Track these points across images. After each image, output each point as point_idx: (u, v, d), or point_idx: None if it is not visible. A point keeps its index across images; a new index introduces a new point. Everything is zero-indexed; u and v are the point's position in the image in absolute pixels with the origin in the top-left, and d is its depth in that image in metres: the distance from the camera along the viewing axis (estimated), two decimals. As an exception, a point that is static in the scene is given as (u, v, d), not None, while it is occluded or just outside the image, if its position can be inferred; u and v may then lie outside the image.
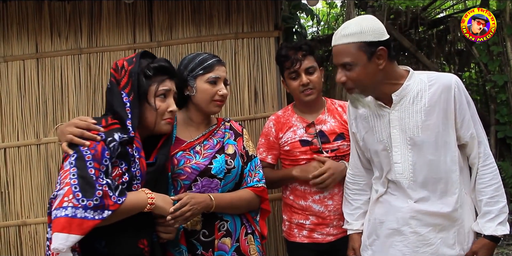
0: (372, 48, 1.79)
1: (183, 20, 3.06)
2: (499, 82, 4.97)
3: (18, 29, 3.03)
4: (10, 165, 2.99)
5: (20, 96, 3.01)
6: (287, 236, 2.48)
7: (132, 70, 1.75)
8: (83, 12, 3.02)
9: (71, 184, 1.50)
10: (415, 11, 5.56)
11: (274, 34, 3.07)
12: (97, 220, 1.49)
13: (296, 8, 4.82)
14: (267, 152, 2.49)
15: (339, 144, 2.38)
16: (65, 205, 1.47)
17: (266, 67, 3.04)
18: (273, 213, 2.96)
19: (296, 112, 2.49)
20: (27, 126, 3.00)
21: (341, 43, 1.83)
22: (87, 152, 1.57)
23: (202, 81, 2.09)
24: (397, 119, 1.90)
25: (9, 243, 2.97)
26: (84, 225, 1.47)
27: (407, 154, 1.90)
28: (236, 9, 3.07)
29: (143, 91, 1.77)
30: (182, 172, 2.01)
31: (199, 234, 2.03)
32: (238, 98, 3.03)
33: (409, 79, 1.90)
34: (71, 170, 1.53)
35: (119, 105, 1.73)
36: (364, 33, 1.79)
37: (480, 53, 5.24)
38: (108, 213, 1.51)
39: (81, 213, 1.47)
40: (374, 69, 1.82)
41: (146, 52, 1.87)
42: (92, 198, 1.49)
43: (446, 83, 1.85)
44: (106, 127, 1.68)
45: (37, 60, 3.02)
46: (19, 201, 2.98)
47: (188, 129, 2.15)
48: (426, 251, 1.91)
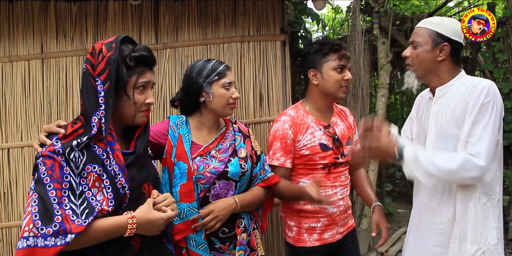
0: (440, 40, 2.03)
1: (189, 22, 3.06)
2: (504, 90, 4.95)
3: (24, 29, 3.02)
4: (13, 166, 2.98)
5: (25, 97, 3.00)
6: (295, 242, 2.40)
7: (111, 57, 1.61)
8: (89, 13, 3.02)
9: (32, 213, 1.46)
10: (421, 17, 5.55)
11: (280, 38, 3.07)
12: (60, 246, 1.44)
13: (301, 13, 4.83)
14: (285, 156, 2.35)
15: (349, 148, 2.42)
16: (26, 235, 1.44)
17: (272, 70, 3.03)
18: (277, 217, 2.95)
19: (310, 113, 2.42)
20: (31, 127, 2.98)
21: (420, 26, 2.11)
22: (44, 174, 1.49)
23: (218, 86, 2.16)
24: (435, 111, 2.10)
25: (11, 244, 2.95)
26: (45, 253, 1.42)
27: (436, 142, 2.07)
28: (243, 12, 3.06)
29: (122, 82, 1.64)
30: (202, 176, 2.08)
31: (218, 231, 2.12)
32: (243, 102, 3.02)
33: (457, 79, 2.08)
34: (33, 196, 1.49)
35: (91, 94, 1.60)
36: (441, 26, 2.05)
37: (485, 61, 5.23)
38: (71, 236, 1.45)
39: (41, 242, 1.43)
40: (432, 58, 2.05)
41: (127, 37, 1.71)
42: (51, 225, 1.44)
43: (476, 84, 1.99)
44: (68, 136, 1.58)
45: (42, 60, 3.02)
46: (21, 201, 2.97)
47: (201, 133, 2.22)
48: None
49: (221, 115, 2.23)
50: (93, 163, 1.58)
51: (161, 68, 3.00)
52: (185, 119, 2.23)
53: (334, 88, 2.34)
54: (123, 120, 1.71)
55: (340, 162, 2.38)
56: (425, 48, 2.05)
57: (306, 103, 2.46)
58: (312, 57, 2.37)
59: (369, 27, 5.31)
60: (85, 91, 1.61)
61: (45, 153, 1.52)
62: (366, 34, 5.13)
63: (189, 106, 2.24)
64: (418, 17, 5.53)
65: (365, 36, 5.01)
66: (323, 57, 2.34)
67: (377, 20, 5.14)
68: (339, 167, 2.39)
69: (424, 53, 2.06)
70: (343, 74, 2.33)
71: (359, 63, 4.76)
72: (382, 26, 5.17)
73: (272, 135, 2.38)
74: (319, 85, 2.36)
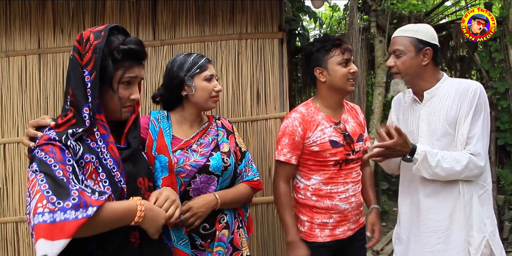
0: (421, 45, 2.15)
1: (187, 19, 3.05)
2: (500, 89, 4.97)
3: (21, 24, 3.01)
4: (9, 161, 2.97)
5: (21, 92, 2.99)
6: (306, 237, 2.40)
7: (97, 46, 1.53)
8: (86, 9, 3.01)
9: (42, 190, 1.34)
10: (418, 16, 5.57)
11: (278, 36, 3.06)
12: (81, 220, 1.32)
13: (299, 10, 4.82)
14: (291, 152, 2.36)
15: (360, 145, 2.44)
16: (40, 211, 1.31)
17: (269, 68, 3.03)
18: (273, 215, 2.96)
19: (321, 110, 2.42)
20: (27, 122, 2.96)
21: (399, 35, 2.22)
22: (46, 157, 1.41)
23: (200, 79, 2.18)
24: (426, 114, 2.19)
25: (6, 239, 2.95)
26: (66, 227, 1.30)
27: (430, 144, 2.14)
28: (241, 9, 3.06)
29: (108, 75, 1.56)
30: (182, 170, 2.08)
31: (199, 227, 2.11)
32: (240, 99, 3.01)
33: (442, 82, 2.20)
34: (38, 177, 1.38)
35: (79, 85, 1.54)
36: (420, 32, 2.17)
37: (482, 60, 5.25)
38: (93, 209, 1.34)
39: (60, 216, 1.30)
40: (417, 63, 2.16)
41: (117, 27, 1.63)
42: (69, 198, 1.33)
43: (467, 87, 2.12)
44: (61, 125, 1.52)
45: (39, 55, 3.01)
46: (17, 197, 2.96)
47: (182, 127, 2.23)
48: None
49: (204, 108, 2.25)
50: (90, 154, 1.52)
51: (158, 65, 3.00)
52: (166, 114, 2.24)
53: (342, 82, 2.35)
54: (110, 114, 1.64)
55: (351, 158, 2.39)
56: (409, 55, 2.15)
57: (316, 101, 2.47)
58: (316, 55, 2.39)
59: (367, 25, 5.33)
60: (74, 81, 1.55)
61: (40, 142, 1.45)
62: (363, 32, 5.14)
63: (171, 101, 2.25)
64: (415, 16, 5.54)
65: (362, 35, 5.02)
66: (326, 54, 2.36)
67: (375, 18, 5.15)
68: (350, 164, 2.40)
69: (409, 60, 2.16)
70: (348, 67, 2.35)
71: (356, 62, 4.77)
72: (380, 24, 5.18)
73: (281, 131, 2.39)
74: (326, 82, 2.38)
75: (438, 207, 2.12)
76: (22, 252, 2.95)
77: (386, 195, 6.31)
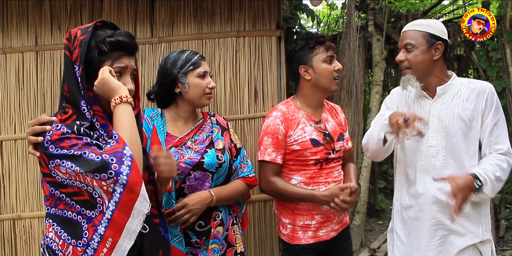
0: (433, 40, 2.13)
1: (184, 16, 3.05)
2: (498, 88, 4.97)
3: (18, 21, 3.00)
4: (6, 158, 2.97)
5: (19, 89, 2.98)
6: (289, 240, 2.37)
7: (82, 41, 1.56)
8: (84, 6, 3.00)
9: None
10: (415, 15, 5.57)
11: (276, 34, 3.06)
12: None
13: (297, 9, 4.82)
14: (276, 152, 2.33)
15: (341, 145, 2.41)
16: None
17: (267, 66, 3.03)
18: (270, 213, 2.96)
19: (301, 108, 2.42)
20: (24, 119, 2.97)
21: (410, 29, 2.19)
22: (70, 150, 1.45)
23: (193, 76, 2.18)
24: (437, 110, 2.18)
25: (3, 237, 2.95)
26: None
27: (441, 139, 2.15)
28: (239, 7, 3.06)
29: (94, 67, 1.58)
30: (177, 167, 2.04)
31: (195, 225, 2.12)
32: (238, 97, 3.01)
33: (453, 79, 2.22)
34: (66, 165, 1.46)
35: (72, 81, 1.57)
36: (431, 27, 2.15)
37: (479, 59, 5.25)
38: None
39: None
40: (428, 58, 2.14)
41: (105, 22, 1.66)
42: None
43: (483, 87, 2.16)
44: (65, 121, 1.55)
45: (36, 53, 3.00)
46: (14, 194, 2.96)
47: (176, 125, 2.24)
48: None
49: (197, 105, 2.26)
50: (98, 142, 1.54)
51: (156, 62, 2.99)
52: (160, 112, 2.25)
53: (328, 80, 2.34)
54: (107, 106, 1.63)
55: (332, 157, 2.38)
56: (421, 49, 2.13)
57: (297, 99, 2.46)
58: (300, 53, 2.38)
59: (364, 24, 5.32)
60: (68, 77, 1.59)
61: (54, 138, 1.48)
62: (361, 31, 5.13)
63: (165, 98, 2.26)
64: (413, 15, 5.54)
65: (359, 33, 5.01)
66: (310, 52, 2.35)
67: (372, 17, 5.15)
68: (331, 163, 2.39)
69: (421, 54, 2.13)
70: (333, 64, 2.35)
71: (354, 60, 4.76)
72: (377, 23, 5.17)
73: (263, 131, 2.37)
74: (311, 80, 2.36)
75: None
76: (19, 250, 2.95)
77: (383, 194, 6.32)
